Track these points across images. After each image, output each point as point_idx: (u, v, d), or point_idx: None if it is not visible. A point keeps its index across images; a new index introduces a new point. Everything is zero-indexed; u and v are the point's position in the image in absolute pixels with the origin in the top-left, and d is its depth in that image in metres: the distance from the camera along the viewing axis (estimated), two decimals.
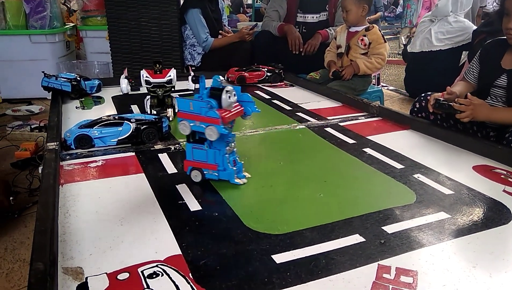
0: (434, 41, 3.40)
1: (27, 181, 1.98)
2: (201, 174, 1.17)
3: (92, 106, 2.00)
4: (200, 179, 1.17)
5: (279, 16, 2.95)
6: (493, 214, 1.04)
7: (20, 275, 1.38)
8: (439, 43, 3.39)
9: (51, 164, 1.23)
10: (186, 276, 0.79)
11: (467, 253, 0.88)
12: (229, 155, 1.15)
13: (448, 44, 3.37)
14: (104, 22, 3.30)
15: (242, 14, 7.40)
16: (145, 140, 1.47)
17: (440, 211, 1.04)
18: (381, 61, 2.31)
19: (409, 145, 1.51)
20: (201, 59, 3.03)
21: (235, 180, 1.17)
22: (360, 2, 2.28)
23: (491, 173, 1.27)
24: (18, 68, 3.44)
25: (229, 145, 1.14)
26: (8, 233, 1.60)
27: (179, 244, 0.89)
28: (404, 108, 3.48)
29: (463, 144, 1.47)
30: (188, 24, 2.97)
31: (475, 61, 1.71)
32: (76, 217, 1.01)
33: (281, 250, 0.88)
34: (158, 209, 1.05)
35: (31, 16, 3.38)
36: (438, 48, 3.39)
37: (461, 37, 3.33)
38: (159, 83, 1.65)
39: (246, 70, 2.49)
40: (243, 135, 1.62)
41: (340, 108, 2.03)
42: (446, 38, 3.37)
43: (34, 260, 0.76)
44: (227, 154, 1.15)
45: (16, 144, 2.43)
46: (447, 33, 3.36)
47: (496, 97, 1.58)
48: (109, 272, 0.80)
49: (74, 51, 4.06)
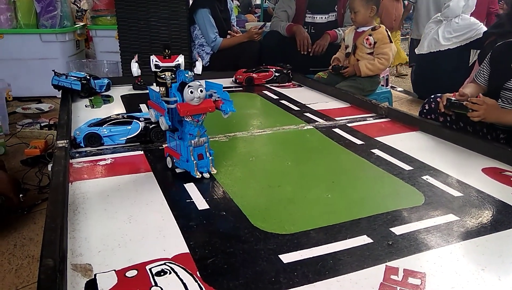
0: (441, 41, 3.39)
1: (36, 178, 2.00)
2: (172, 161, 1.25)
3: (102, 105, 2.01)
4: (171, 165, 1.26)
5: (287, 16, 2.95)
6: (502, 216, 1.03)
7: (29, 271, 1.39)
8: (446, 42, 3.38)
9: (60, 162, 1.24)
10: (194, 274, 0.79)
11: (476, 255, 0.88)
12: (193, 148, 1.18)
13: (456, 42, 3.36)
14: (113, 22, 3.33)
15: (250, 14, 7.40)
16: (154, 139, 1.48)
17: (449, 213, 1.03)
18: (384, 61, 2.30)
19: (418, 147, 1.50)
20: (209, 59, 3.03)
21: (194, 173, 1.20)
22: (368, 3, 2.28)
23: (500, 176, 1.26)
24: (29, 67, 3.47)
25: (193, 138, 1.17)
26: (18, 229, 1.62)
27: (187, 243, 0.90)
28: (413, 109, 3.46)
29: (472, 146, 1.46)
30: (197, 24, 2.98)
31: (485, 63, 1.70)
32: (85, 215, 1.02)
33: (289, 250, 0.88)
34: (166, 208, 1.05)
35: (42, 15, 3.42)
36: (446, 47, 3.38)
37: (468, 34, 3.32)
38: (168, 67, 1.67)
39: (254, 71, 2.49)
40: (250, 135, 1.63)
41: (348, 108, 2.02)
42: (454, 37, 3.36)
43: (44, 257, 0.77)
44: (192, 146, 1.18)
45: (26, 141, 2.46)
46: (454, 32, 3.36)
47: (507, 99, 1.57)
48: (117, 269, 0.81)
49: (83, 50, 4.09)
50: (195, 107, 1.13)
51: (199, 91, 1.12)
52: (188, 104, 1.13)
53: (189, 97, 1.11)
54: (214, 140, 1.55)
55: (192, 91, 1.11)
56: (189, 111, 1.13)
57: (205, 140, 1.20)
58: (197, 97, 1.12)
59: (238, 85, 2.47)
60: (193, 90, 1.11)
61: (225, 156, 1.43)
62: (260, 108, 2.09)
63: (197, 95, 1.11)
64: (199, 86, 1.12)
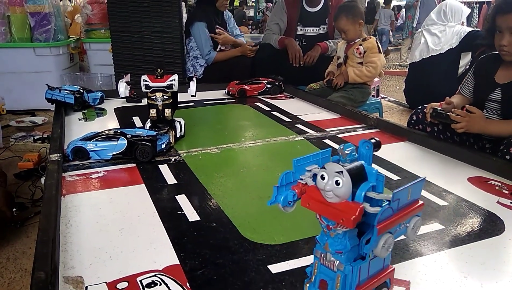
0: (432, 47, 3.49)
1: (29, 191, 2.01)
2: None
3: (95, 118, 2.03)
4: None
5: (279, 29, 3.00)
6: (487, 225, 1.05)
7: (22, 284, 1.39)
8: (437, 47, 3.48)
9: (53, 175, 1.25)
10: (184, 286, 0.81)
11: (460, 263, 0.90)
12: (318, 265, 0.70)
13: (445, 47, 3.46)
14: (107, 35, 3.36)
15: (244, 26, 7.50)
16: (138, 157, 1.45)
17: (435, 222, 1.06)
18: (372, 69, 2.34)
19: (406, 157, 1.53)
20: (203, 71, 3.07)
21: None
22: (354, 20, 2.34)
23: (485, 185, 1.29)
24: (23, 80, 3.48)
25: (320, 247, 0.69)
26: (10, 243, 1.62)
27: (177, 254, 0.91)
28: (404, 119, 3.50)
29: (459, 156, 1.49)
30: (193, 36, 3.03)
31: (470, 75, 1.74)
32: (77, 228, 1.03)
33: (277, 260, 0.90)
34: (157, 220, 1.07)
35: (36, 29, 3.44)
36: (437, 52, 3.48)
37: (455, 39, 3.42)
38: (158, 87, 1.61)
39: (246, 83, 2.53)
40: (242, 146, 1.65)
41: (338, 119, 2.05)
42: (442, 43, 3.46)
43: (36, 269, 0.78)
44: (317, 259, 0.70)
45: (19, 155, 2.46)
46: (442, 38, 3.47)
47: (491, 110, 1.61)
48: (108, 281, 0.82)
49: (77, 63, 4.11)
50: (321, 204, 0.65)
51: (334, 182, 0.62)
52: (316, 192, 0.66)
53: (320, 185, 0.64)
54: (206, 152, 1.57)
55: (324, 176, 0.64)
56: (310, 204, 0.67)
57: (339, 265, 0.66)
58: (329, 190, 0.63)
59: (231, 97, 2.50)
60: (325, 176, 0.63)
61: (216, 167, 1.45)
62: (252, 120, 2.11)
63: (328, 186, 0.62)
64: (336, 173, 0.62)
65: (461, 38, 3.38)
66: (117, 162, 1.45)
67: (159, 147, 1.48)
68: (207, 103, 2.38)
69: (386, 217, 0.62)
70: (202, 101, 2.38)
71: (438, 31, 3.50)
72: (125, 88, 1.73)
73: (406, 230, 0.68)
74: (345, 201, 0.63)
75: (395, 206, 0.63)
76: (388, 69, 6.61)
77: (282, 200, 0.72)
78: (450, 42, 3.42)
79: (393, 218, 0.63)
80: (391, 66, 7.18)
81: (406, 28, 7.54)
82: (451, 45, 3.42)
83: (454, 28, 3.45)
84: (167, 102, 1.64)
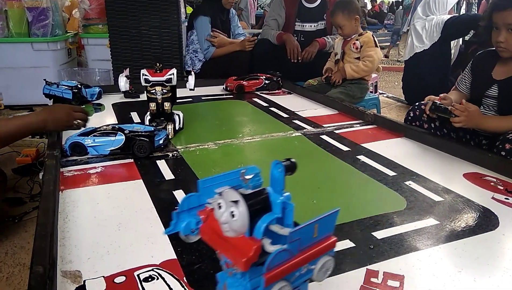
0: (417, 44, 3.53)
1: (28, 186, 2.01)
2: None
3: (93, 113, 2.02)
4: None
5: (278, 25, 3.00)
6: (481, 220, 1.06)
7: (20, 279, 1.40)
8: (421, 44, 3.51)
9: (51, 171, 1.26)
10: (181, 280, 0.82)
11: (454, 258, 0.91)
12: None
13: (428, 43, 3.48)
14: (105, 30, 3.34)
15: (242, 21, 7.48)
16: (136, 152, 1.46)
17: (430, 218, 1.07)
18: (369, 64, 2.35)
19: (403, 153, 1.54)
20: (201, 66, 3.08)
21: None
22: (350, 15, 2.34)
23: (481, 181, 1.30)
24: (20, 75, 3.47)
25: None
26: (9, 237, 1.63)
27: (175, 249, 0.92)
28: (401, 115, 3.50)
29: (455, 152, 1.50)
30: (195, 29, 3.03)
31: (467, 71, 1.75)
32: (75, 222, 1.04)
33: None
34: (155, 215, 1.08)
35: (34, 24, 3.43)
36: (422, 48, 3.51)
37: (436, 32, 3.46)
38: (158, 81, 1.64)
39: (244, 79, 2.53)
40: (240, 142, 1.66)
41: (336, 115, 2.06)
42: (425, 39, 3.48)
43: (34, 264, 0.79)
44: None
45: (17, 150, 2.46)
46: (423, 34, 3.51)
47: (488, 106, 1.61)
48: (106, 275, 0.83)
49: (75, 58, 4.10)
50: (218, 238, 0.57)
51: (230, 214, 0.55)
52: (216, 222, 0.58)
53: (217, 215, 0.57)
54: (203, 148, 1.57)
55: (221, 205, 0.56)
56: (208, 236, 0.60)
57: None
58: (224, 222, 0.55)
59: (229, 92, 2.50)
60: (222, 204, 0.56)
61: (214, 163, 1.45)
62: (250, 116, 2.12)
63: (224, 218, 0.55)
64: (232, 202, 0.55)
65: (441, 29, 3.40)
66: (115, 158, 1.46)
67: (156, 143, 1.49)
68: (205, 98, 2.38)
69: (281, 261, 0.51)
70: (200, 97, 2.38)
71: (420, 27, 3.53)
72: (125, 82, 1.76)
73: (312, 273, 0.59)
74: (242, 236, 0.53)
75: (294, 247, 0.53)
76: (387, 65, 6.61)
77: (183, 228, 0.63)
78: (432, 37, 3.45)
79: (289, 262, 0.52)
80: (389, 62, 7.18)
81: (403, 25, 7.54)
82: (433, 39, 3.44)
83: (433, 21, 3.46)
84: (166, 96, 1.67)
